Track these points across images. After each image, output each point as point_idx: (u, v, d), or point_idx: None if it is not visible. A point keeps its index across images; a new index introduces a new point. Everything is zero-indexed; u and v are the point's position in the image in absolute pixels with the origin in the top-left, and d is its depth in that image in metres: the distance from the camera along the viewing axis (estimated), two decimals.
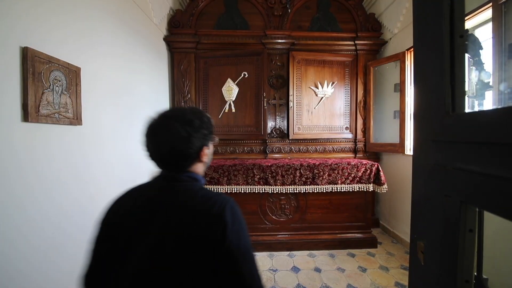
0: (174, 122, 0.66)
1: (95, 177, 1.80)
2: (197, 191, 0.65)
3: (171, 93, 3.33)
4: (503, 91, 1.46)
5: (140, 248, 0.57)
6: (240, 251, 0.57)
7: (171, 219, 0.59)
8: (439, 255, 0.54)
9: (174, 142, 0.65)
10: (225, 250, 0.55)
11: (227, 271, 0.55)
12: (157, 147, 0.67)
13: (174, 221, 0.58)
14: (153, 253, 0.56)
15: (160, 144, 0.66)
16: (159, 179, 0.69)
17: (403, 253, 2.69)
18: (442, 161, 0.53)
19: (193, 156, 0.68)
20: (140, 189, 0.70)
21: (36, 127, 1.33)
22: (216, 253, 0.55)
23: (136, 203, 0.66)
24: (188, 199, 0.62)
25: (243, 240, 0.59)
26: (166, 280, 0.55)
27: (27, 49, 1.25)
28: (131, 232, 0.61)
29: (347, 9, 3.43)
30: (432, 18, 0.56)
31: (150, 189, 0.68)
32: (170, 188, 0.65)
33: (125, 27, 2.20)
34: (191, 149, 0.66)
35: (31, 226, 1.30)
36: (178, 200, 0.62)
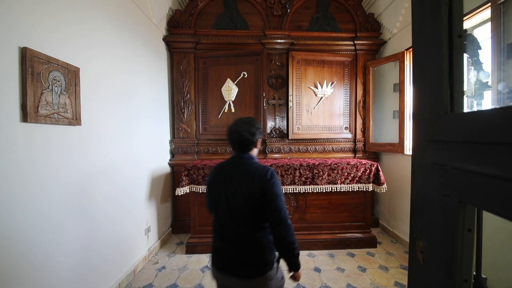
0: (247, 125, 1.16)
1: (94, 177, 1.80)
2: (252, 163, 1.16)
3: (171, 93, 3.33)
4: (502, 91, 1.46)
5: (227, 190, 1.12)
6: (274, 194, 1.07)
7: (241, 178, 1.12)
8: (438, 255, 0.54)
9: (246, 135, 1.15)
10: (267, 193, 1.06)
11: (268, 204, 1.06)
12: (236, 138, 1.16)
13: (242, 179, 1.11)
14: (234, 192, 1.10)
15: (239, 136, 1.15)
16: (234, 157, 1.21)
17: (403, 253, 2.70)
18: (441, 160, 0.54)
19: (253, 144, 1.19)
20: (225, 162, 1.24)
21: (35, 128, 1.33)
22: (262, 195, 1.06)
23: (224, 169, 1.20)
24: (248, 167, 1.14)
25: (276, 189, 1.08)
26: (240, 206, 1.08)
27: (26, 49, 1.25)
28: (222, 184, 1.15)
29: (346, 9, 3.44)
30: (431, 18, 0.57)
31: (230, 162, 1.21)
32: (239, 162, 1.18)
33: (124, 27, 2.20)
34: (253, 140, 1.18)
35: (30, 225, 1.30)
36: (243, 168, 1.15)
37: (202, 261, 2.56)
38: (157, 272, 2.37)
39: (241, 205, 1.08)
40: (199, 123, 3.33)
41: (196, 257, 2.64)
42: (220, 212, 1.13)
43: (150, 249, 2.63)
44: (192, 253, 2.70)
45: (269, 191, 1.06)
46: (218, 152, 3.36)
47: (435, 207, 0.56)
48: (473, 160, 0.45)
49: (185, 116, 3.30)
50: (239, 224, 1.09)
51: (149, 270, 2.40)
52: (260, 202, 1.06)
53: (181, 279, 2.25)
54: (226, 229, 1.12)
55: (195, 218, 2.75)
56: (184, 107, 3.29)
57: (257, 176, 1.08)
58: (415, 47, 0.66)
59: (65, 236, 1.53)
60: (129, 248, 2.25)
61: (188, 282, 2.20)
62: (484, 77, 1.54)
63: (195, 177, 2.66)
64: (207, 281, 2.21)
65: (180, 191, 2.60)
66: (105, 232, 1.92)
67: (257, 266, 1.08)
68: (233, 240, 1.10)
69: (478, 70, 1.57)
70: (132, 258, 2.30)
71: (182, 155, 3.30)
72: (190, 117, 3.30)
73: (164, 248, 2.87)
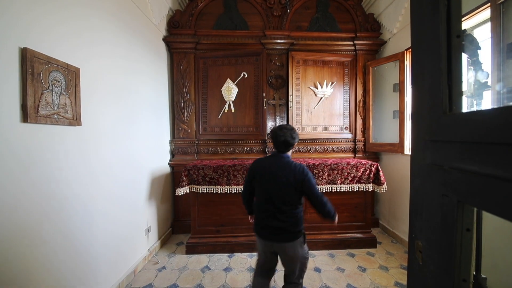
0: (290, 131, 1.53)
1: (94, 177, 1.80)
2: (291, 161, 1.53)
3: (171, 93, 3.33)
4: (501, 91, 1.46)
5: (276, 179, 1.47)
6: (311, 185, 1.46)
7: (286, 171, 1.47)
8: (437, 255, 0.55)
9: (287, 138, 1.51)
10: (306, 185, 1.45)
11: (309, 194, 1.47)
12: (283, 141, 1.51)
13: (287, 172, 1.47)
14: (282, 182, 1.46)
15: (284, 140, 1.51)
16: (275, 155, 1.57)
17: (403, 253, 2.69)
18: (440, 160, 0.54)
19: (292, 146, 1.56)
20: (269, 158, 1.59)
21: (35, 128, 1.33)
22: (302, 185, 1.46)
23: (270, 163, 1.55)
24: (289, 164, 1.50)
25: (312, 181, 1.48)
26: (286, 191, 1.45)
27: (26, 50, 1.25)
28: (264, 177, 1.52)
29: (346, 9, 3.44)
30: (429, 19, 0.57)
31: (274, 158, 1.56)
32: (282, 159, 1.54)
33: (125, 27, 2.20)
34: (294, 143, 1.54)
35: (30, 226, 1.30)
36: (286, 164, 1.51)
37: (202, 261, 2.57)
38: (157, 272, 2.37)
39: (287, 190, 1.47)
40: (199, 123, 3.33)
41: (196, 257, 2.65)
42: (268, 196, 1.50)
43: (150, 249, 2.63)
44: (192, 253, 2.70)
45: (306, 184, 1.46)
46: (218, 152, 3.37)
47: (434, 207, 0.56)
48: (472, 160, 0.45)
49: (185, 116, 3.30)
50: (284, 203, 1.48)
51: (149, 270, 2.41)
52: (299, 190, 1.48)
53: (181, 279, 2.25)
54: (272, 208, 1.49)
55: (195, 219, 2.75)
56: (184, 107, 3.29)
57: (297, 171, 1.47)
58: (414, 47, 0.66)
59: (65, 236, 1.53)
60: (129, 248, 2.25)
61: (188, 282, 2.20)
62: (483, 77, 1.54)
63: (195, 177, 2.66)
64: (207, 281, 2.21)
65: (180, 191, 2.60)
66: (105, 232, 1.92)
67: (292, 233, 1.50)
68: (277, 215, 1.48)
69: (477, 70, 1.57)
70: (132, 258, 2.31)
71: (182, 155, 3.31)
72: (190, 117, 3.31)
73: (164, 248, 2.87)
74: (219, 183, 2.66)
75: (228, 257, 2.64)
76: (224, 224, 2.78)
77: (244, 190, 1.68)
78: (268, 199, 1.50)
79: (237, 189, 2.67)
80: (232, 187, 2.67)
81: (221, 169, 2.66)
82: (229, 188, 2.67)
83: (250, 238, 2.77)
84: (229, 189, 2.67)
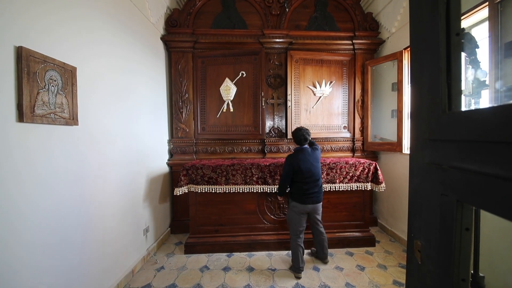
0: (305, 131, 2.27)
1: (92, 177, 1.79)
2: (309, 150, 2.28)
3: (169, 93, 3.31)
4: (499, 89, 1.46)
5: (311, 163, 2.23)
6: None
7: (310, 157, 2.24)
8: (436, 254, 0.54)
9: (305, 136, 2.26)
10: None
11: None
12: (304, 138, 2.26)
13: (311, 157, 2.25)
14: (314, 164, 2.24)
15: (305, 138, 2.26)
16: (300, 149, 2.28)
17: (401, 252, 2.71)
18: (439, 159, 0.53)
19: (308, 140, 2.29)
20: (301, 150, 2.26)
21: (31, 128, 1.32)
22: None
23: (303, 154, 2.24)
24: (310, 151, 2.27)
25: None
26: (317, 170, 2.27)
27: (21, 49, 1.24)
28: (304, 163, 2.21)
29: (345, 9, 3.43)
30: (428, 17, 0.56)
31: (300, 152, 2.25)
32: (305, 150, 2.26)
33: (122, 26, 2.18)
34: (308, 138, 2.28)
35: (27, 226, 1.29)
36: (308, 152, 2.26)
37: (201, 261, 2.56)
38: (156, 272, 2.36)
39: (318, 168, 2.26)
40: (197, 123, 3.32)
41: (195, 257, 2.64)
42: (308, 175, 2.20)
43: (149, 249, 2.62)
44: (191, 253, 2.70)
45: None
46: (217, 152, 3.36)
47: (433, 206, 0.56)
48: (471, 159, 0.45)
49: (183, 115, 3.28)
50: (317, 177, 2.25)
51: (148, 270, 2.40)
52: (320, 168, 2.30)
53: (180, 279, 2.24)
54: (312, 182, 2.22)
55: (193, 218, 2.75)
56: (183, 106, 3.28)
57: (318, 153, 2.30)
58: (413, 46, 0.65)
59: (63, 236, 1.52)
60: (127, 248, 2.24)
61: (187, 282, 2.20)
62: (482, 75, 1.54)
63: (193, 177, 2.65)
64: (206, 281, 2.21)
65: (179, 191, 2.59)
66: (103, 232, 1.91)
67: (320, 196, 2.30)
68: (313, 187, 2.23)
69: (476, 68, 1.57)
70: (131, 258, 2.30)
71: (181, 155, 3.29)
72: (189, 116, 3.29)
73: (162, 248, 2.87)
74: (218, 183, 2.66)
75: (227, 257, 2.63)
76: (223, 223, 2.78)
77: (286, 180, 2.26)
78: (308, 177, 2.20)
79: (236, 189, 2.67)
80: (231, 186, 2.66)
81: (219, 168, 2.65)
82: (228, 188, 2.66)
83: (249, 237, 2.77)
84: (228, 188, 2.66)
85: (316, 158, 2.26)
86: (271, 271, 2.36)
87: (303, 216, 2.27)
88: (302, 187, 2.22)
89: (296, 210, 2.26)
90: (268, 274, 2.32)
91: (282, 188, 2.32)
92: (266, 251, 2.73)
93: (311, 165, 2.21)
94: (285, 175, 2.25)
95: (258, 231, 2.81)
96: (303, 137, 2.24)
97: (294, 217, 2.28)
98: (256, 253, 2.69)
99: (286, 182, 2.28)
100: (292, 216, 2.29)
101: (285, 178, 2.26)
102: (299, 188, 2.24)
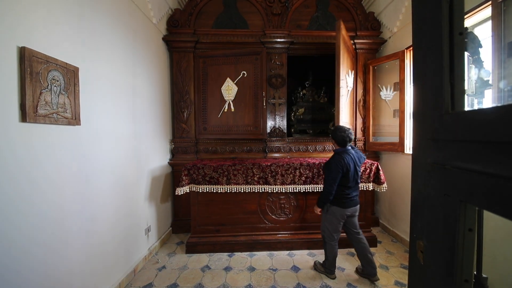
0: (350, 131, 2.10)
1: (94, 177, 1.80)
2: (353, 151, 2.15)
3: (170, 93, 3.32)
4: (503, 89, 1.45)
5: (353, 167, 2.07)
6: None
7: (355, 159, 2.10)
8: (439, 255, 0.54)
9: (351, 137, 2.10)
10: None
11: None
12: (350, 139, 2.08)
13: (356, 159, 2.11)
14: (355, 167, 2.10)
15: (347, 138, 2.08)
16: (343, 150, 2.10)
17: (403, 252, 2.69)
18: (442, 160, 0.53)
19: (352, 141, 2.12)
20: (343, 154, 2.07)
21: (34, 127, 1.33)
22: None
23: (347, 157, 2.05)
24: (353, 153, 2.13)
25: None
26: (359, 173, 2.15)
27: (24, 49, 1.24)
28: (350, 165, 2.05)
29: (346, 8, 3.42)
30: (431, 16, 0.56)
31: (346, 152, 2.08)
32: (349, 151, 2.10)
33: (124, 27, 2.19)
34: (352, 138, 2.11)
35: (29, 226, 1.30)
36: (352, 154, 2.11)
37: (202, 260, 2.56)
38: (157, 271, 2.37)
39: (360, 172, 2.17)
40: (199, 123, 3.32)
41: (196, 256, 2.64)
42: (353, 177, 2.07)
43: (150, 248, 2.63)
44: (192, 252, 2.70)
45: None
46: (218, 152, 3.36)
47: (435, 207, 0.55)
48: (474, 159, 0.44)
49: (185, 115, 3.29)
50: (359, 181, 2.17)
51: (149, 269, 2.41)
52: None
53: (181, 279, 2.25)
54: (355, 184, 2.12)
55: (195, 218, 2.75)
56: (184, 106, 3.28)
57: (361, 156, 2.18)
58: (415, 45, 0.65)
59: (65, 236, 1.53)
60: (129, 247, 2.25)
61: (188, 282, 2.20)
62: (485, 75, 1.53)
63: (195, 176, 2.66)
64: (207, 281, 2.21)
65: (180, 191, 2.60)
66: (105, 231, 1.91)
67: (358, 198, 2.19)
68: (355, 190, 2.14)
69: (479, 68, 1.56)
70: (132, 257, 2.30)
71: (182, 155, 3.30)
72: (190, 116, 3.30)
73: (164, 247, 2.87)
74: (219, 183, 2.66)
75: (228, 257, 2.64)
76: (224, 223, 2.78)
77: (334, 184, 2.04)
78: (352, 180, 2.08)
79: (237, 189, 2.67)
80: (232, 186, 2.66)
81: (221, 168, 2.66)
82: (229, 188, 2.66)
83: (250, 237, 2.77)
84: (229, 188, 2.66)
85: (360, 160, 2.13)
86: (272, 271, 2.36)
87: (342, 221, 2.14)
88: (344, 191, 2.08)
89: (338, 215, 2.11)
90: (269, 274, 2.31)
91: (329, 195, 2.07)
92: (267, 251, 2.73)
93: (357, 168, 2.09)
94: (333, 179, 2.03)
95: (259, 231, 2.81)
96: (348, 138, 2.06)
97: (333, 223, 2.14)
98: (257, 253, 2.69)
99: (333, 187, 2.05)
100: (331, 221, 2.14)
101: (333, 182, 2.03)
102: (341, 192, 2.08)
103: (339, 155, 2.07)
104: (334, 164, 2.04)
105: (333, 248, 2.19)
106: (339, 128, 2.13)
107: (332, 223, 2.15)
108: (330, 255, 2.21)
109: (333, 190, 2.05)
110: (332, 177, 2.02)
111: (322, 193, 2.12)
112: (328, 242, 2.20)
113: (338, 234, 2.18)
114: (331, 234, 2.17)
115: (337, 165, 2.02)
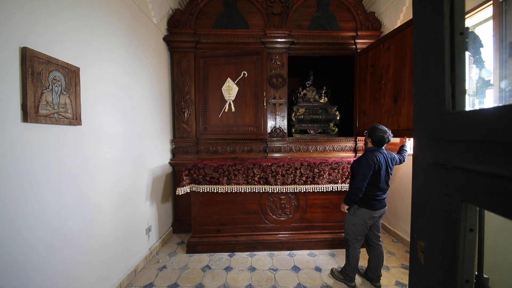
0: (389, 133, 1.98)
1: (95, 176, 1.80)
2: (386, 152, 2.03)
3: (171, 93, 3.33)
4: (504, 89, 1.45)
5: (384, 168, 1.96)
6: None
7: (388, 160, 2.00)
8: (440, 255, 0.54)
9: (390, 138, 1.99)
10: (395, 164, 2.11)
11: None
12: (388, 139, 1.98)
13: (389, 160, 2.01)
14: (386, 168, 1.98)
15: (387, 140, 1.98)
16: (376, 149, 2.00)
17: (404, 252, 2.69)
18: (442, 160, 0.53)
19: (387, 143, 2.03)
20: (374, 153, 1.97)
21: (35, 128, 1.33)
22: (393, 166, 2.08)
23: (378, 157, 1.95)
24: (386, 153, 2.02)
25: None
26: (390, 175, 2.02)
27: (26, 49, 1.25)
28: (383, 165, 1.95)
29: (347, 8, 3.42)
30: (432, 16, 0.56)
31: (380, 152, 1.98)
32: (383, 151, 2.00)
33: (125, 27, 2.20)
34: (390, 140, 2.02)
35: (30, 225, 1.30)
36: (386, 155, 2.00)
37: (203, 260, 2.57)
38: (158, 271, 2.38)
39: (391, 175, 2.04)
40: (199, 123, 3.32)
41: (197, 256, 2.65)
42: (384, 178, 1.97)
43: (151, 248, 2.64)
44: (193, 252, 2.70)
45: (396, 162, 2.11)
46: (219, 152, 3.36)
47: (436, 207, 0.55)
48: (475, 159, 0.44)
49: (185, 115, 3.29)
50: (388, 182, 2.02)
51: (150, 269, 2.41)
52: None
53: (182, 279, 2.25)
54: (385, 186, 1.99)
55: (195, 218, 2.75)
56: (185, 106, 3.29)
57: (394, 156, 2.07)
58: (416, 45, 0.65)
59: (66, 235, 1.53)
60: (130, 247, 2.25)
61: (189, 282, 2.20)
62: (486, 75, 1.53)
63: (195, 176, 2.66)
64: (208, 281, 2.21)
65: (181, 191, 2.60)
66: (106, 231, 1.92)
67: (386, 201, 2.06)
68: (385, 192, 2.02)
69: (480, 68, 1.56)
70: (133, 257, 2.31)
71: (183, 155, 3.31)
72: (191, 116, 3.30)
73: (165, 247, 2.88)
74: (220, 183, 2.66)
75: (229, 257, 2.64)
76: (225, 223, 2.78)
77: (364, 181, 1.92)
78: (384, 182, 1.98)
79: (238, 189, 2.67)
80: (233, 186, 2.66)
81: (221, 168, 2.66)
82: (230, 188, 2.66)
83: (250, 237, 2.77)
84: (230, 188, 2.66)
85: (392, 161, 2.01)
86: (272, 271, 2.36)
87: (370, 223, 2.03)
88: (375, 191, 1.96)
89: (366, 218, 1.99)
90: (270, 274, 2.31)
91: (358, 192, 1.95)
92: (267, 251, 2.73)
93: (389, 169, 1.98)
94: (363, 175, 1.91)
95: (260, 231, 2.81)
96: (387, 139, 1.95)
97: (360, 224, 2.02)
98: (258, 253, 2.69)
99: (364, 184, 1.93)
100: (357, 222, 2.02)
101: (363, 179, 1.91)
102: (371, 193, 1.96)
103: (371, 152, 1.98)
104: (365, 159, 1.93)
105: (356, 252, 2.09)
106: (379, 128, 1.97)
107: (359, 224, 2.03)
108: (353, 259, 2.09)
109: (363, 186, 1.92)
110: (363, 173, 1.91)
111: (351, 189, 1.99)
112: (351, 245, 2.09)
113: (363, 236, 2.08)
114: (356, 237, 2.06)
115: (368, 161, 1.91)
